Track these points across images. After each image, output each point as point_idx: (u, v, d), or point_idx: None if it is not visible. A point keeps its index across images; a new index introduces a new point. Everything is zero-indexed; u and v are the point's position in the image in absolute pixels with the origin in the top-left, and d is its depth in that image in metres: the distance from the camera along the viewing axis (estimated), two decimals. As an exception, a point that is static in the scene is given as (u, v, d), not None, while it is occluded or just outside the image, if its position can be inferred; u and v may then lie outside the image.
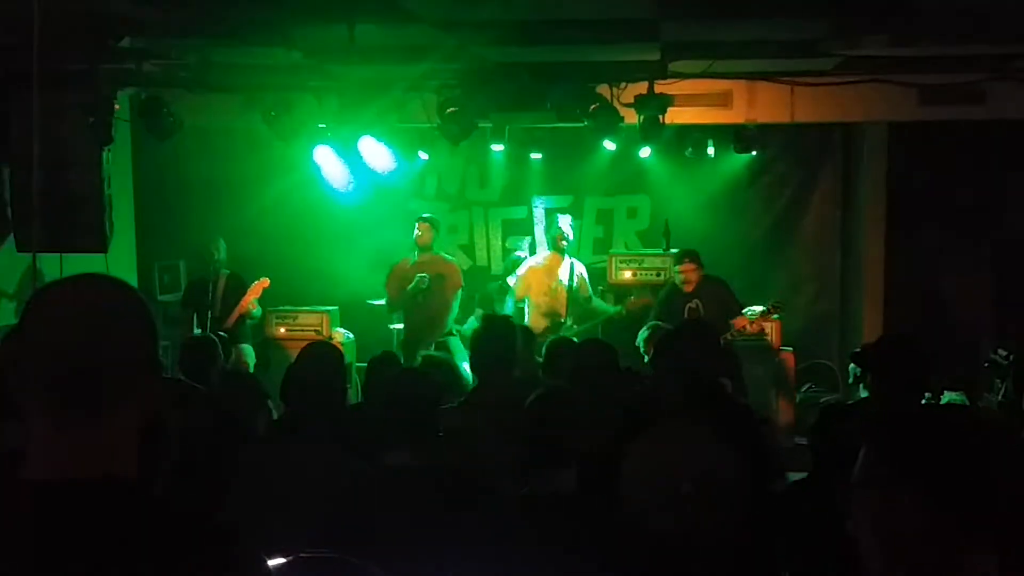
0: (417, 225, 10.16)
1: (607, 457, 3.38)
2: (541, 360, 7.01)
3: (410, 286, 9.85)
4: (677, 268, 9.43)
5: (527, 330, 7.55)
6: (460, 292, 10.10)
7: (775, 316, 9.60)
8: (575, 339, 8.19)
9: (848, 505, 1.92)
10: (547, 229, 10.21)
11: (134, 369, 1.84)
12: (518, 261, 10.76)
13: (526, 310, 10.09)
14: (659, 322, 8.66)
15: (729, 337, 9.01)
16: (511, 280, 10.29)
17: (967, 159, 10.58)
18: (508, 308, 10.04)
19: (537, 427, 3.78)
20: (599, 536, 3.18)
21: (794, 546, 3.46)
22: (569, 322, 9.97)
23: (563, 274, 10.06)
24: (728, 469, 2.60)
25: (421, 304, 9.92)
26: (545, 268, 10.14)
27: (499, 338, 5.58)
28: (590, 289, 10.32)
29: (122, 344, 1.83)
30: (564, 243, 10.12)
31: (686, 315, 9.19)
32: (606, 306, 10.42)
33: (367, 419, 4.96)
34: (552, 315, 9.97)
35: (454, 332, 9.97)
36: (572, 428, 3.78)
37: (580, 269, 10.22)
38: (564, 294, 10.01)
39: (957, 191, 10.69)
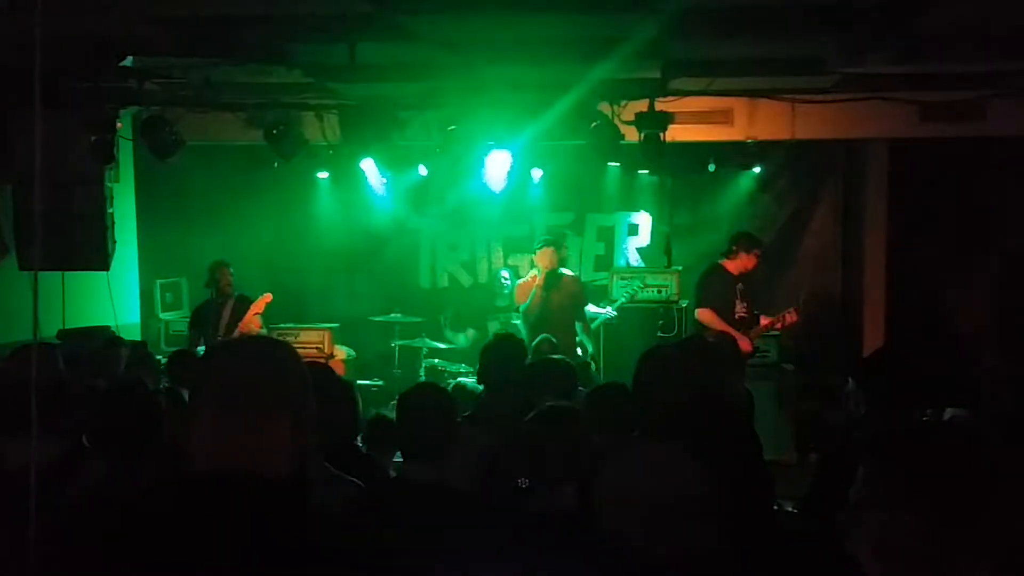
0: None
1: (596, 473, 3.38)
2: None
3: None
4: (745, 254, 9.43)
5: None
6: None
7: (794, 311, 9.54)
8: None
9: (847, 525, 1.92)
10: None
11: (286, 402, 2.21)
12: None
13: (520, 323, 9.97)
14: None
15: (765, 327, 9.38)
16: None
17: (968, 175, 10.58)
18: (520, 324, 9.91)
19: (537, 444, 3.78)
20: (597, 554, 3.17)
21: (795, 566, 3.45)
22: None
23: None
24: (705, 488, 2.59)
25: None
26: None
27: (508, 356, 5.61)
28: (586, 298, 10.22)
29: (279, 382, 2.23)
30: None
31: (738, 296, 9.40)
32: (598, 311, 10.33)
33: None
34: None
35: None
36: (572, 445, 3.77)
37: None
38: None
39: (958, 207, 10.69)
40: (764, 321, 9.38)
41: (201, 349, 9.44)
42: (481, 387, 6.13)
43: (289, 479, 2.17)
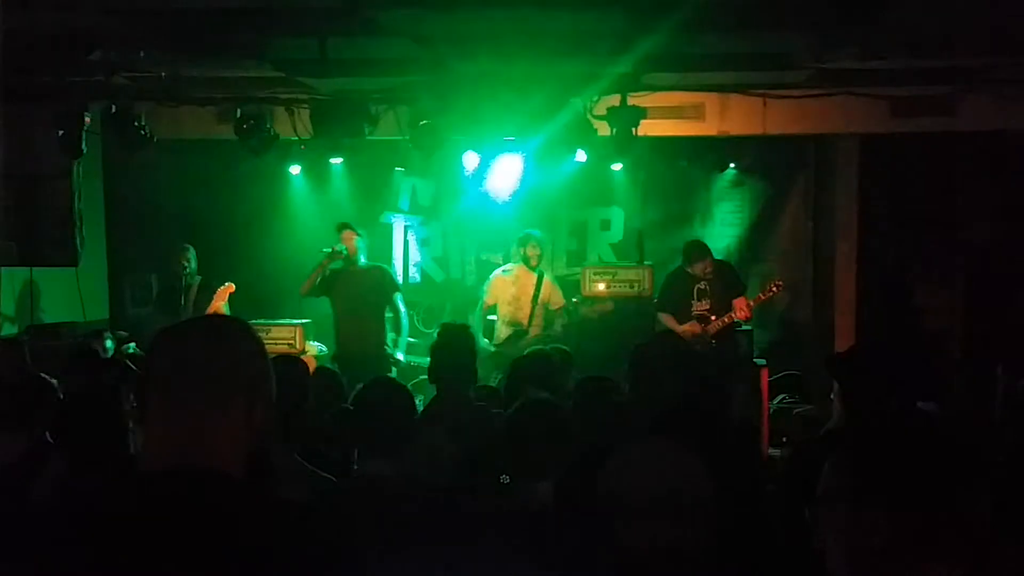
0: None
1: (585, 471, 3.36)
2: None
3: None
4: (689, 269, 9.47)
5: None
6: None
7: (773, 291, 9.53)
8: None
9: (814, 520, 1.91)
10: (520, 245, 10.20)
11: (239, 385, 2.10)
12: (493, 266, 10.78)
13: (496, 318, 10.09)
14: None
15: (722, 323, 9.32)
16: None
17: (937, 170, 10.65)
18: (476, 316, 10.08)
19: (516, 439, 3.77)
20: (573, 551, 3.16)
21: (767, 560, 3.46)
22: (532, 331, 9.99)
23: (529, 286, 10.06)
24: (704, 487, 2.58)
25: None
26: (512, 279, 10.12)
27: (457, 348, 5.58)
28: (564, 301, 10.30)
29: (231, 364, 2.12)
30: (535, 261, 10.10)
31: (695, 296, 9.45)
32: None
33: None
34: (515, 324, 9.96)
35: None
36: (551, 441, 3.76)
37: (549, 282, 10.21)
38: (528, 305, 10.00)
39: (928, 201, 10.75)
40: (736, 314, 9.39)
41: None
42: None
43: (246, 471, 2.07)
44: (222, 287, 9.79)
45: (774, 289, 9.46)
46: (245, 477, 2.08)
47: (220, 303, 9.74)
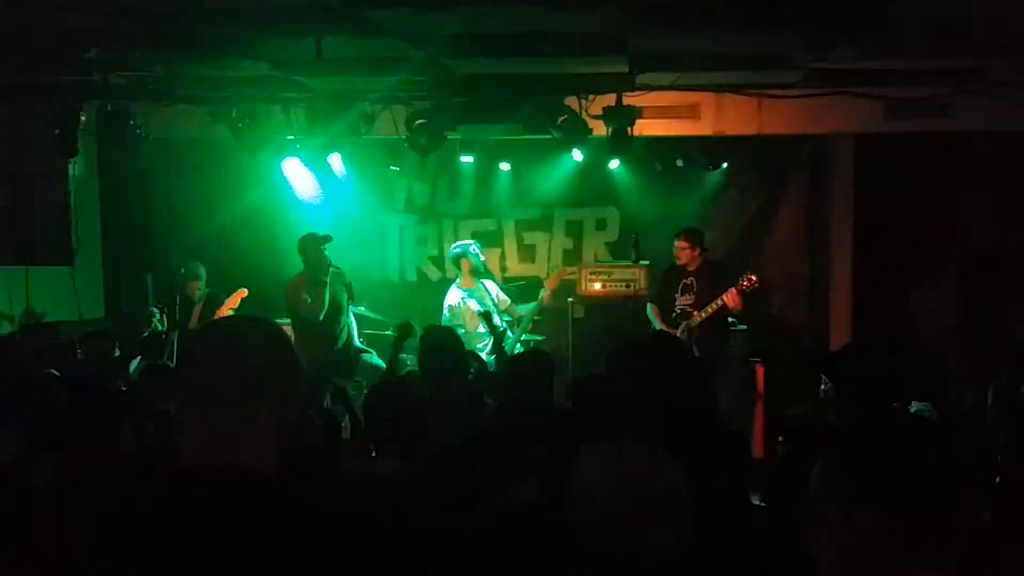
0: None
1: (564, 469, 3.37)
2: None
3: None
4: (674, 243, 9.56)
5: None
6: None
7: (747, 285, 9.48)
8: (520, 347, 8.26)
9: (806, 519, 1.92)
10: (457, 261, 10.21)
11: (271, 385, 2.15)
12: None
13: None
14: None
15: (700, 316, 9.34)
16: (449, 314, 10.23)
17: (934, 171, 10.64)
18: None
19: (496, 440, 3.77)
20: (560, 549, 3.17)
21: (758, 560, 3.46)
22: (510, 332, 9.99)
23: (482, 291, 10.05)
24: (676, 486, 2.58)
25: None
26: (466, 297, 10.09)
27: (443, 350, 5.60)
28: (508, 299, 10.30)
29: (259, 363, 2.17)
30: (473, 272, 10.11)
31: (679, 290, 9.51)
32: (526, 306, 10.33)
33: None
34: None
35: None
36: (532, 440, 3.77)
37: (490, 285, 10.22)
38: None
39: (924, 203, 10.74)
40: (714, 307, 9.39)
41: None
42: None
43: (280, 468, 2.12)
44: (235, 292, 9.75)
45: (745, 285, 9.40)
46: (278, 474, 2.12)
47: (230, 308, 9.68)
